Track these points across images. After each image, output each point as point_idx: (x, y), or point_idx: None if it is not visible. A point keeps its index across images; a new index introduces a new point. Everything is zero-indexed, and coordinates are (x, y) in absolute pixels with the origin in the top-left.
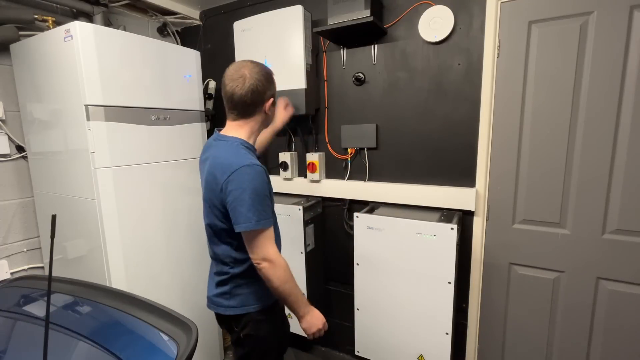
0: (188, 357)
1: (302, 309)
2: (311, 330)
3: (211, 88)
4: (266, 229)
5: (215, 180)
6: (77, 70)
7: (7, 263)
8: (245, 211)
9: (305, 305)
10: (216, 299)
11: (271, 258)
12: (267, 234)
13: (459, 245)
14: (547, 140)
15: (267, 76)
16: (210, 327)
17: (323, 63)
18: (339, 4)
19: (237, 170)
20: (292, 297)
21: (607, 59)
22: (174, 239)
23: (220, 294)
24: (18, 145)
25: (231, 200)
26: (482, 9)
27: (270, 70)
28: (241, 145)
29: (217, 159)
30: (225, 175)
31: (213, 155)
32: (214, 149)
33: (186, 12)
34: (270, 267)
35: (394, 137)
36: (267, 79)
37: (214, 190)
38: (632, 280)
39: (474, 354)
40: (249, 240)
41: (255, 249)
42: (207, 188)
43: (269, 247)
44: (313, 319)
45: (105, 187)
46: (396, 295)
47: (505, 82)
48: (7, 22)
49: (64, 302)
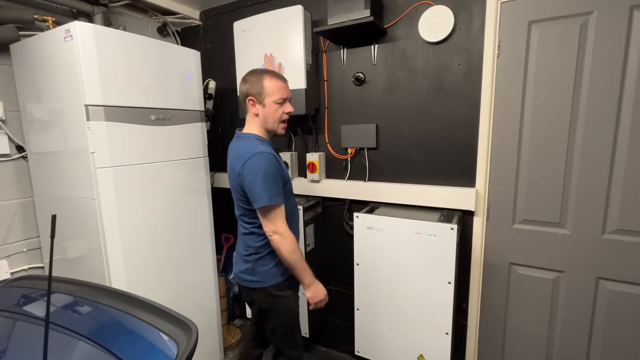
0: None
1: (307, 278)
2: (314, 300)
3: (211, 88)
4: (277, 206)
5: (234, 170)
6: (77, 70)
7: (7, 263)
8: (258, 190)
9: (310, 276)
10: (242, 274)
11: (281, 231)
12: (278, 210)
13: (459, 245)
14: (547, 140)
15: (253, 78)
16: (210, 327)
17: (323, 63)
18: (339, 4)
19: (250, 158)
20: (299, 267)
21: (607, 59)
22: (174, 238)
23: (245, 270)
24: (18, 145)
25: (247, 183)
26: (482, 9)
27: (259, 73)
28: (255, 138)
29: (236, 152)
30: (241, 163)
31: (234, 151)
32: (235, 146)
33: (186, 12)
34: (280, 239)
35: (394, 137)
36: (251, 81)
37: (234, 178)
38: (632, 280)
39: (474, 354)
40: (263, 216)
41: (268, 223)
42: (231, 177)
43: (279, 222)
44: (317, 290)
45: (105, 187)
46: (396, 295)
47: (505, 82)
48: (7, 22)
49: (64, 302)
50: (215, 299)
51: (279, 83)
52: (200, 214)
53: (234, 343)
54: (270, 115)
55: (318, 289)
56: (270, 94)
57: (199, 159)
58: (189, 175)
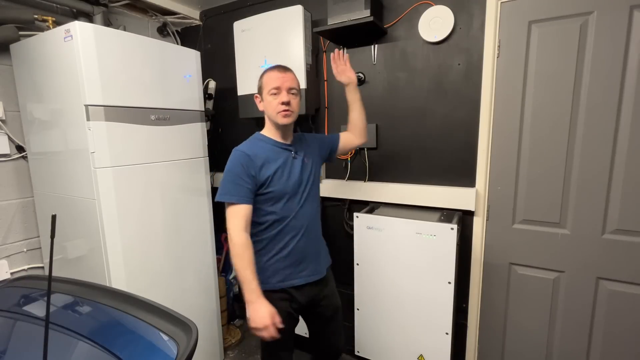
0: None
1: (247, 294)
2: (250, 324)
3: (211, 88)
4: (231, 205)
5: None
6: (77, 70)
7: (7, 263)
8: (220, 185)
9: (250, 292)
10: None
11: (230, 233)
12: (230, 209)
13: (459, 245)
14: (547, 140)
15: (260, 77)
16: (210, 327)
17: (323, 63)
18: (339, 4)
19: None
20: (240, 277)
21: (607, 59)
22: (174, 238)
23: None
24: (18, 145)
25: None
26: (482, 9)
27: (264, 70)
28: (254, 137)
29: None
30: None
31: None
32: None
33: (186, 12)
34: (229, 240)
35: (394, 137)
36: (259, 80)
37: None
38: (632, 280)
39: (474, 354)
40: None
41: (226, 220)
42: None
43: (230, 221)
44: (256, 313)
45: (105, 187)
46: (396, 296)
47: (505, 82)
48: (7, 22)
49: (64, 302)
50: (215, 299)
51: (273, 73)
52: (200, 214)
53: (234, 343)
54: (268, 108)
55: (258, 312)
56: (266, 86)
57: (199, 159)
58: (189, 175)
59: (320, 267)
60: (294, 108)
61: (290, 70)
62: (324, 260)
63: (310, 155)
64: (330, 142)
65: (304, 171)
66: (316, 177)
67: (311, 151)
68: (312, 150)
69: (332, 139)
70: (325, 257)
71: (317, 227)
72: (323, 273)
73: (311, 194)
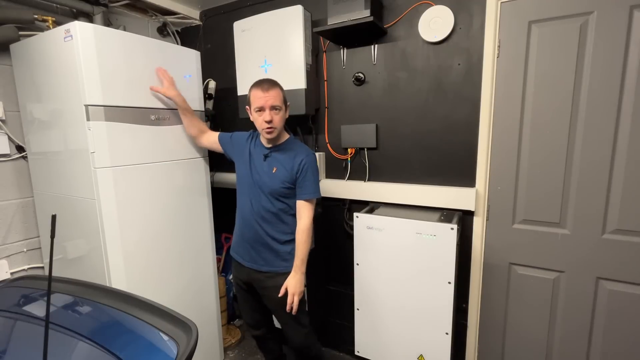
0: (188, 357)
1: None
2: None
3: (211, 88)
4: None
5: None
6: (77, 70)
7: (7, 263)
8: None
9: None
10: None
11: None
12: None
13: (459, 245)
14: (547, 140)
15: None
16: (210, 327)
17: (323, 63)
18: (339, 4)
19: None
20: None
21: (607, 59)
22: (174, 238)
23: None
24: (18, 145)
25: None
26: (482, 9)
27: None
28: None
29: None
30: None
31: None
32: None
33: (186, 12)
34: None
35: (394, 137)
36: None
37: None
38: (632, 280)
39: (474, 354)
40: None
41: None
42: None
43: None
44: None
45: (105, 187)
46: (396, 295)
47: (505, 82)
48: (7, 22)
49: (64, 302)
50: (215, 299)
51: (257, 92)
52: (200, 214)
53: (234, 343)
54: (255, 122)
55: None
56: (252, 103)
57: (199, 159)
58: (189, 175)
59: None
60: (276, 124)
61: (275, 85)
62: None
63: (280, 167)
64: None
65: (264, 173)
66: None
67: (284, 165)
68: (285, 165)
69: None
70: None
71: (259, 228)
72: (260, 268)
73: (262, 196)
